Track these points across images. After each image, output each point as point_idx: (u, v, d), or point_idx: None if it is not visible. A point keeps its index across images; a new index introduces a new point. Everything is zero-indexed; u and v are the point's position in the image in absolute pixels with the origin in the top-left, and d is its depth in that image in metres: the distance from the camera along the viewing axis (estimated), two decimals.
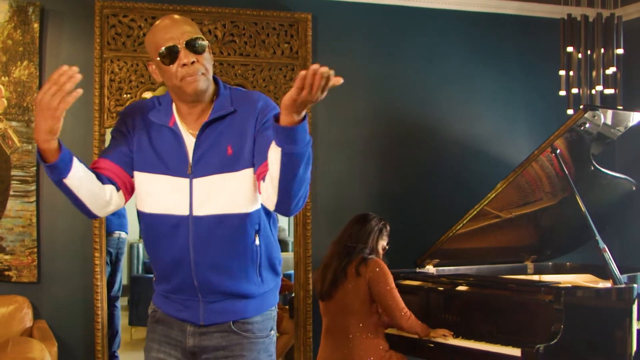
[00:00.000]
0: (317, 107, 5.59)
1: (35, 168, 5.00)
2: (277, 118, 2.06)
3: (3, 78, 4.96)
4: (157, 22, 2.39)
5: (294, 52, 5.48)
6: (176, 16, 2.41)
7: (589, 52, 5.17)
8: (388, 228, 4.49)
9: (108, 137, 4.97)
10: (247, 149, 2.35)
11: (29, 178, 4.99)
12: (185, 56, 2.30)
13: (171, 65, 2.31)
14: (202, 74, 2.32)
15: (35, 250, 5.00)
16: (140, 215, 2.45)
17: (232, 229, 2.37)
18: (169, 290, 2.45)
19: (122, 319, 8.14)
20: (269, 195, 2.23)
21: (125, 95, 5.10)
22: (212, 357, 2.43)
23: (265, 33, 5.41)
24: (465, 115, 6.03)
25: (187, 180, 2.35)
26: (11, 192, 4.97)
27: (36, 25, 5.02)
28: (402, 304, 4.19)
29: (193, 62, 2.30)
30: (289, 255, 6.81)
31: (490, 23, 6.10)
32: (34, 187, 5.00)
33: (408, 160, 5.90)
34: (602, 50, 5.12)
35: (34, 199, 5.00)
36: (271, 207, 2.27)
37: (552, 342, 3.80)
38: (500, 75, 6.11)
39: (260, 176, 2.29)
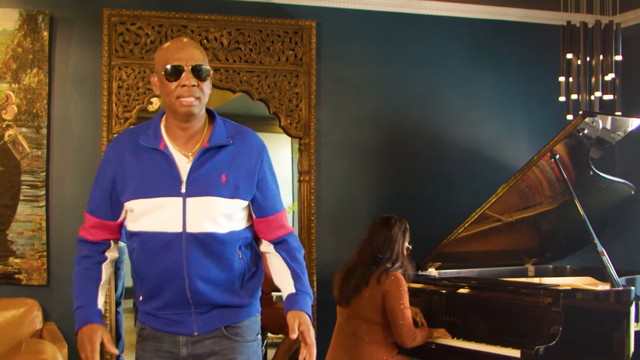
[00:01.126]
0: (321, 111, 5.67)
1: (44, 173, 5.09)
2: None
3: (13, 85, 5.05)
4: (171, 41, 2.55)
5: (298, 59, 5.56)
6: (190, 40, 2.57)
7: (588, 58, 5.20)
8: (408, 226, 4.52)
9: None
10: (243, 185, 2.53)
11: (39, 183, 5.08)
12: (187, 78, 2.43)
13: (172, 83, 2.45)
14: (197, 98, 2.46)
15: (45, 253, 5.09)
16: (133, 234, 2.55)
17: (222, 246, 2.51)
18: (158, 307, 2.54)
19: (128, 322, 8.21)
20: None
21: (133, 102, 5.19)
22: None
23: (270, 40, 5.49)
24: (467, 119, 6.09)
25: (180, 199, 2.47)
26: (21, 197, 5.05)
27: (46, 34, 5.11)
28: (411, 325, 4.19)
29: (193, 85, 2.44)
30: None
31: (491, 30, 6.16)
32: (43, 192, 5.09)
33: (410, 164, 5.97)
34: (601, 56, 5.15)
35: (43, 203, 5.09)
36: None
37: (551, 344, 3.87)
38: (501, 80, 6.18)
39: (261, 233, 2.65)
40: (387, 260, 4.30)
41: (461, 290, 4.49)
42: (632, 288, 4.21)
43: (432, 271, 5.16)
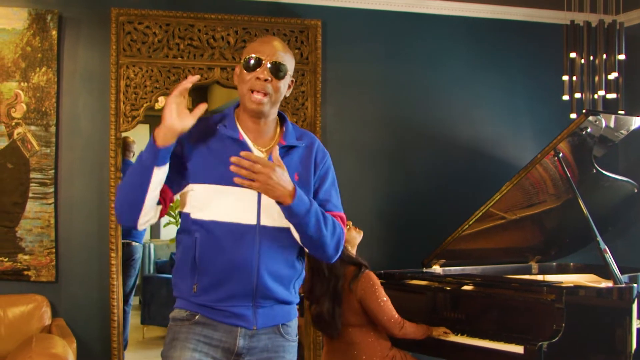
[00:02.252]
0: (326, 110, 5.72)
1: (53, 171, 5.15)
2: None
3: (22, 84, 5.11)
4: (262, 36, 2.58)
5: (304, 58, 5.61)
6: (279, 40, 2.58)
7: (591, 57, 5.24)
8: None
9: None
10: (310, 182, 2.58)
11: (48, 181, 5.13)
12: (262, 72, 2.47)
13: (248, 74, 2.49)
14: (267, 95, 2.48)
15: (54, 250, 5.15)
16: (200, 223, 2.49)
17: (290, 241, 2.54)
18: (218, 299, 2.50)
19: (134, 318, 8.27)
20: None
21: (140, 100, 5.24)
22: (255, 358, 2.56)
23: None
24: (471, 118, 6.13)
25: (255, 191, 2.45)
26: (30, 195, 5.11)
27: (54, 33, 5.16)
28: (394, 315, 4.19)
29: (266, 80, 2.47)
30: None
31: (495, 29, 6.20)
32: (52, 190, 5.15)
33: (415, 163, 6.01)
34: (605, 55, 5.19)
35: (52, 200, 5.15)
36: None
37: (554, 340, 3.90)
38: (505, 79, 6.22)
39: None
40: (337, 276, 4.20)
41: (465, 287, 4.52)
42: (635, 285, 4.23)
43: (437, 268, 5.19)
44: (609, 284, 4.30)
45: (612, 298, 4.22)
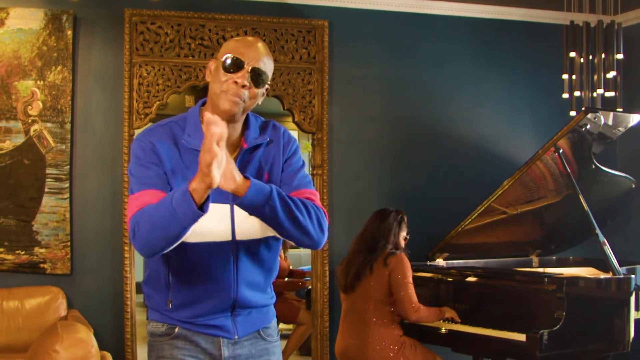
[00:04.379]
0: (333, 107, 5.84)
1: (68, 167, 5.28)
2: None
3: (39, 82, 5.23)
4: (249, 36, 2.43)
5: (311, 57, 5.73)
6: (263, 44, 2.40)
7: (590, 57, 5.32)
8: (405, 218, 4.74)
9: None
10: (279, 178, 2.42)
11: (63, 176, 5.26)
12: (242, 76, 2.28)
13: (226, 74, 2.29)
14: (242, 101, 2.30)
15: (69, 244, 5.27)
16: (176, 246, 2.24)
17: (267, 250, 2.45)
18: (195, 315, 2.41)
19: (141, 315, 8.38)
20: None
21: (152, 99, 5.37)
22: None
23: (284, 39, 5.67)
24: (473, 116, 6.23)
25: (228, 205, 2.31)
26: (46, 190, 5.24)
27: (69, 32, 5.29)
28: (414, 297, 4.40)
29: (244, 86, 2.29)
30: (307, 251, 7.06)
31: (496, 29, 6.30)
32: (67, 185, 5.27)
33: (419, 159, 6.11)
34: (603, 55, 5.27)
35: (67, 195, 5.27)
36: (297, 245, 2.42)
37: (555, 328, 4.03)
38: (506, 78, 6.31)
39: None
40: (383, 247, 4.54)
41: (469, 279, 4.65)
42: (633, 277, 4.34)
43: (440, 261, 5.31)
44: (608, 276, 4.40)
45: (611, 289, 4.33)
